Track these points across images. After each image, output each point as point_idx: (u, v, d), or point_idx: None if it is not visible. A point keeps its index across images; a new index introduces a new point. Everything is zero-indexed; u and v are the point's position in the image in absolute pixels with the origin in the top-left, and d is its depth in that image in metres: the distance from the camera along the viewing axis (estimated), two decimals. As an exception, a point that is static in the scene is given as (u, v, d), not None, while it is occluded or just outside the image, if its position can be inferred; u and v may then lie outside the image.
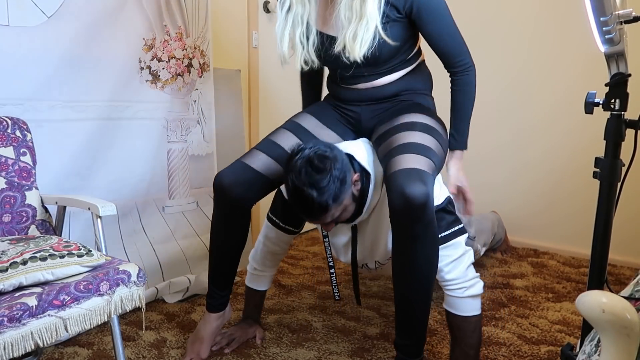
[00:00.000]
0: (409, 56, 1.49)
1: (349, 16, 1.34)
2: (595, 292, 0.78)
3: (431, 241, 1.31)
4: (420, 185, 1.24)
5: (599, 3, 0.97)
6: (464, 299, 1.44)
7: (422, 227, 1.27)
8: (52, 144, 1.72)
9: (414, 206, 1.24)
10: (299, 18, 1.42)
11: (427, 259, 1.33)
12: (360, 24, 1.33)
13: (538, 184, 2.75)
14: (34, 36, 1.64)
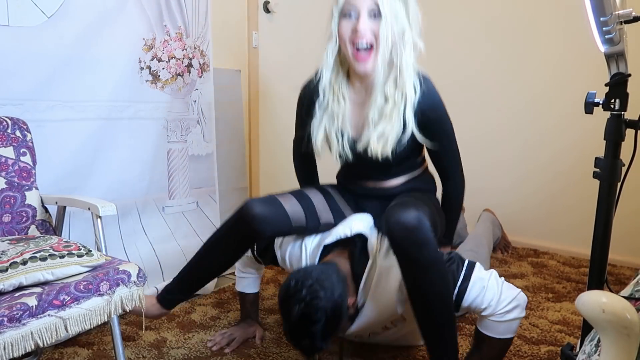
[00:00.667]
0: (416, 162, 1.57)
1: (376, 119, 1.42)
2: (595, 292, 0.78)
3: (434, 261, 1.29)
4: (414, 211, 1.26)
5: (599, 3, 0.97)
6: (499, 323, 1.35)
7: (422, 248, 1.26)
8: (52, 144, 1.72)
9: (409, 228, 1.24)
10: (335, 116, 1.48)
11: (437, 278, 1.30)
12: (387, 127, 1.40)
13: (538, 184, 2.75)
14: (34, 36, 1.64)
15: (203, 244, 1.61)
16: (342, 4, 1.38)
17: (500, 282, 1.37)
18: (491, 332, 1.36)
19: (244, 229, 1.49)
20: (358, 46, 1.37)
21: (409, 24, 1.38)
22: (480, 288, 1.34)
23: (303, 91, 1.59)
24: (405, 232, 1.25)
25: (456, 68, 2.85)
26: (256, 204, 1.47)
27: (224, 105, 2.36)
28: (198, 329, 1.86)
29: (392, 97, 1.39)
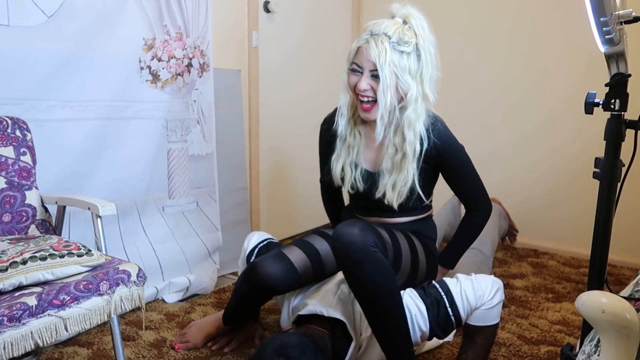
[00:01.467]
0: (422, 206, 1.60)
1: (390, 168, 1.50)
2: (595, 292, 0.78)
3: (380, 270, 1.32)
4: (355, 229, 1.31)
5: (599, 3, 0.97)
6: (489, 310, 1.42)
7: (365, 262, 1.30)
8: (52, 143, 1.72)
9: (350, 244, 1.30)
10: (350, 148, 1.57)
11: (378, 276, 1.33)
12: (400, 177, 1.48)
13: (538, 184, 2.75)
14: (34, 36, 1.64)
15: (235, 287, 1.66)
16: (351, 60, 1.47)
17: (472, 278, 1.44)
18: (484, 322, 1.42)
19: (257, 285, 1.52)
20: (361, 99, 1.46)
21: (419, 79, 1.44)
22: (461, 294, 1.41)
23: (323, 128, 1.67)
24: (345, 250, 1.31)
25: (459, 70, 2.85)
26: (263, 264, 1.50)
27: (224, 105, 2.36)
28: (198, 328, 1.85)
29: (400, 149, 1.47)
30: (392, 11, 1.45)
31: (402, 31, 1.40)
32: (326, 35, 2.99)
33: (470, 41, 2.84)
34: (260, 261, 1.52)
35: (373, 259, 1.31)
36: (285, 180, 2.84)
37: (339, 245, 1.33)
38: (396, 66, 1.39)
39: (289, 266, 1.50)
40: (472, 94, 2.88)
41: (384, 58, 1.38)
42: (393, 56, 1.39)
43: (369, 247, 1.30)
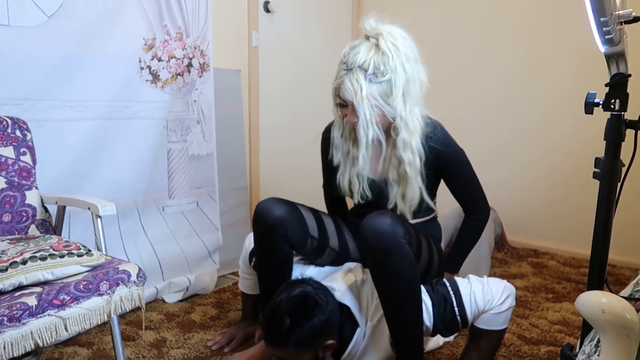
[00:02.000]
0: (427, 209, 1.60)
1: (397, 179, 1.51)
2: (595, 292, 0.78)
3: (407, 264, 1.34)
4: (386, 218, 1.34)
5: (599, 3, 0.97)
6: (497, 315, 1.42)
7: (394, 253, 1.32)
8: (52, 144, 1.72)
9: (381, 233, 1.32)
10: (354, 159, 1.55)
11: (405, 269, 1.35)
12: (408, 188, 1.49)
13: (538, 185, 2.75)
14: (34, 36, 1.64)
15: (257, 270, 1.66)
16: (335, 95, 1.46)
17: (484, 279, 1.45)
18: (491, 326, 1.42)
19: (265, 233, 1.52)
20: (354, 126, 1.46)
21: (405, 98, 1.41)
22: (470, 295, 1.41)
23: (324, 138, 1.67)
24: (376, 235, 1.32)
25: (458, 69, 2.85)
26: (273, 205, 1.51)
27: (224, 105, 2.36)
28: (198, 329, 1.86)
29: (403, 161, 1.47)
30: (366, 30, 1.41)
31: (377, 59, 1.36)
32: (326, 35, 2.99)
33: (470, 41, 2.84)
34: (263, 202, 1.54)
35: (402, 250, 1.32)
36: (286, 180, 2.83)
37: (369, 233, 1.33)
38: (376, 98, 1.38)
39: (293, 208, 1.54)
40: (472, 93, 2.88)
41: (360, 96, 1.37)
42: (371, 89, 1.37)
43: (400, 237, 1.32)
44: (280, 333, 1.33)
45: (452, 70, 2.85)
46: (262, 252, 1.57)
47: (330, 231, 1.62)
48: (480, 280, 1.44)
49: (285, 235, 1.50)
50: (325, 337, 1.39)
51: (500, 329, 1.44)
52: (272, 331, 1.36)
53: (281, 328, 1.33)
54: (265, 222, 1.49)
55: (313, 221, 1.58)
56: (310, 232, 1.56)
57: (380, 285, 1.39)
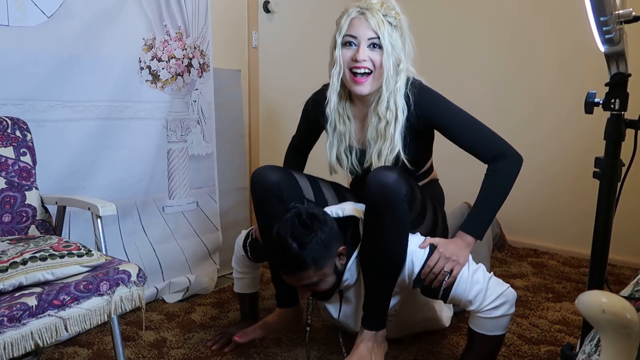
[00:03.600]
0: (422, 171, 1.61)
1: (375, 137, 1.50)
2: (595, 292, 0.78)
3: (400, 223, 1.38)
4: (393, 174, 1.35)
5: (599, 3, 0.97)
6: (487, 320, 1.37)
7: (393, 209, 1.36)
8: (52, 144, 1.72)
9: (386, 187, 1.34)
10: (342, 136, 1.58)
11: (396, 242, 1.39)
12: (385, 145, 1.48)
13: (538, 184, 2.75)
14: (34, 36, 1.64)
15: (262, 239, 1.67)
16: (344, 33, 1.47)
17: (487, 277, 1.39)
18: (481, 329, 1.39)
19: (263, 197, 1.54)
20: (356, 72, 1.47)
21: (404, 54, 1.47)
22: (466, 279, 1.38)
23: (309, 106, 1.70)
24: (379, 188, 1.34)
25: (456, 68, 2.85)
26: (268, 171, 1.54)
27: (224, 105, 2.36)
28: (198, 329, 1.86)
29: (384, 117, 1.47)
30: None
31: (387, 7, 1.45)
32: (326, 35, 2.99)
33: (469, 41, 2.84)
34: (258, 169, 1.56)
35: (401, 208, 1.36)
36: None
37: (374, 183, 1.36)
38: (390, 36, 1.44)
39: (287, 174, 1.57)
40: (471, 93, 2.87)
41: (383, 27, 1.43)
42: (387, 27, 1.44)
43: (402, 195, 1.35)
44: (292, 258, 1.34)
45: (450, 71, 2.85)
46: (261, 215, 1.59)
47: (329, 195, 1.65)
48: (485, 276, 1.38)
49: (280, 198, 1.53)
50: (335, 244, 1.40)
51: (492, 335, 1.37)
52: (285, 261, 1.37)
53: (292, 253, 1.34)
54: (262, 187, 1.53)
55: (308, 186, 1.62)
56: (306, 196, 1.60)
57: (370, 234, 1.42)
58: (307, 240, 1.34)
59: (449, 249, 1.40)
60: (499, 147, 1.45)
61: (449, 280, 1.38)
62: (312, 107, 1.67)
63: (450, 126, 1.48)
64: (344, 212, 1.50)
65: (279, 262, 1.39)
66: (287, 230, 1.35)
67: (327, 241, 1.37)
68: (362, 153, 1.57)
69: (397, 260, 1.41)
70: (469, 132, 1.47)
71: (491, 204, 1.44)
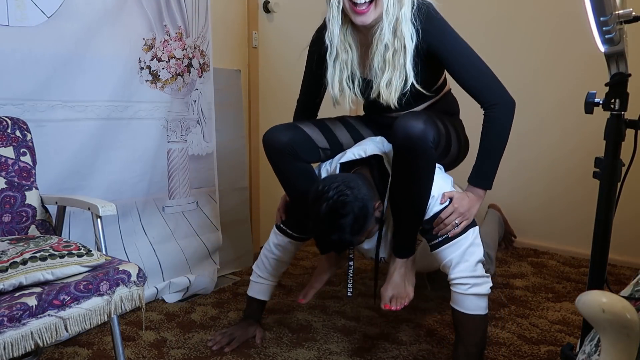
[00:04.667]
0: (436, 88, 1.59)
1: (382, 66, 1.45)
2: (595, 292, 0.78)
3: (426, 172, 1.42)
4: (419, 122, 1.35)
5: (599, 3, 0.97)
6: (468, 296, 1.43)
7: (418, 158, 1.38)
8: (52, 144, 1.72)
9: (412, 136, 1.34)
10: (344, 64, 1.53)
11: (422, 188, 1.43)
12: (395, 74, 1.44)
13: (538, 184, 2.75)
14: (34, 36, 1.64)
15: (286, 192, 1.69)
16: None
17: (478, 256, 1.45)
18: (459, 306, 1.45)
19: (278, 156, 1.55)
20: (356, 1, 1.40)
21: None
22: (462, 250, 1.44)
23: (314, 43, 1.65)
24: (407, 139, 1.35)
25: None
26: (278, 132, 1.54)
27: (224, 105, 2.36)
28: (198, 329, 1.86)
29: (391, 45, 1.43)
30: None
31: None
32: (326, 35, 2.99)
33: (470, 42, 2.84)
34: (267, 132, 1.56)
35: (430, 155, 1.39)
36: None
37: (401, 133, 1.36)
38: None
39: (296, 129, 1.57)
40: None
41: None
42: None
43: (429, 142, 1.36)
44: (340, 245, 1.41)
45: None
46: (282, 176, 1.61)
47: (342, 137, 1.66)
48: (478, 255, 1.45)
49: (296, 155, 1.55)
50: (371, 205, 1.40)
51: (472, 315, 1.43)
52: (334, 248, 1.45)
53: (338, 242, 1.38)
54: (275, 150, 1.54)
55: (320, 135, 1.62)
56: (320, 145, 1.61)
57: (400, 180, 1.44)
58: (352, 230, 1.36)
59: (464, 204, 1.46)
60: (496, 92, 1.48)
61: (456, 230, 1.45)
62: (316, 45, 1.60)
63: (453, 62, 1.46)
64: (366, 152, 1.53)
65: (328, 249, 1.45)
66: (330, 229, 1.36)
67: (363, 212, 1.37)
68: (365, 82, 1.55)
69: (424, 199, 1.45)
70: (471, 73, 1.47)
71: (493, 154, 1.50)
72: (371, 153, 1.53)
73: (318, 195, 1.37)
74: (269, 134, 1.56)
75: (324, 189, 1.37)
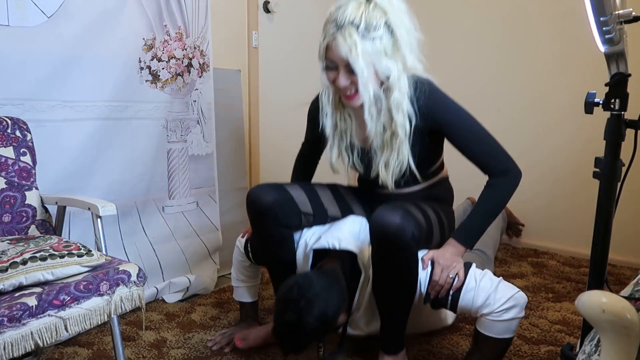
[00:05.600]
0: (433, 170, 1.56)
1: (381, 146, 1.44)
2: (595, 292, 0.78)
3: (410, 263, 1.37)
4: (396, 217, 1.31)
5: (599, 3, 0.97)
6: (496, 322, 1.36)
7: (399, 255, 1.34)
8: (52, 144, 1.72)
9: (389, 235, 1.30)
10: (343, 133, 1.52)
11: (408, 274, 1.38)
12: (392, 156, 1.42)
13: (538, 184, 2.75)
14: (34, 36, 1.64)
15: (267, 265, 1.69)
16: (322, 57, 1.40)
17: (495, 281, 1.39)
18: (490, 332, 1.37)
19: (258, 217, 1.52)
20: (342, 89, 1.39)
21: (398, 56, 1.35)
22: (473, 287, 1.37)
23: (312, 107, 1.63)
24: (383, 237, 1.32)
25: (455, 67, 2.85)
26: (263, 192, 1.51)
27: (224, 105, 2.36)
28: (198, 329, 1.86)
29: (389, 127, 1.41)
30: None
31: (368, 14, 1.30)
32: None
33: (470, 43, 2.84)
34: (253, 190, 1.53)
35: (409, 254, 1.35)
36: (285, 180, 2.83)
37: (378, 230, 1.33)
38: (370, 55, 1.31)
39: (281, 191, 1.52)
40: (471, 94, 2.87)
41: (355, 52, 1.29)
42: (365, 46, 1.30)
43: (410, 240, 1.31)
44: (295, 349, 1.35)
45: (451, 70, 2.85)
46: (259, 235, 1.59)
47: (328, 202, 1.61)
48: (493, 281, 1.38)
49: (277, 219, 1.51)
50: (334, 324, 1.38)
51: (500, 338, 1.37)
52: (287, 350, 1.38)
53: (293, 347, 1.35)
54: (257, 210, 1.51)
55: (304, 198, 1.57)
56: (303, 210, 1.56)
57: (379, 277, 1.40)
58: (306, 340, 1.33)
59: (447, 257, 1.40)
60: (503, 163, 1.43)
61: (457, 284, 1.38)
62: (315, 109, 1.60)
63: (458, 135, 1.43)
64: (340, 245, 1.46)
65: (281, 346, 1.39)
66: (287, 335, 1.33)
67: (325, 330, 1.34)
68: (364, 152, 1.53)
69: (410, 291, 1.40)
70: (477, 144, 1.43)
71: (487, 216, 1.45)
72: (345, 248, 1.46)
73: (288, 299, 1.31)
74: (254, 193, 1.52)
75: (297, 294, 1.30)
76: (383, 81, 1.38)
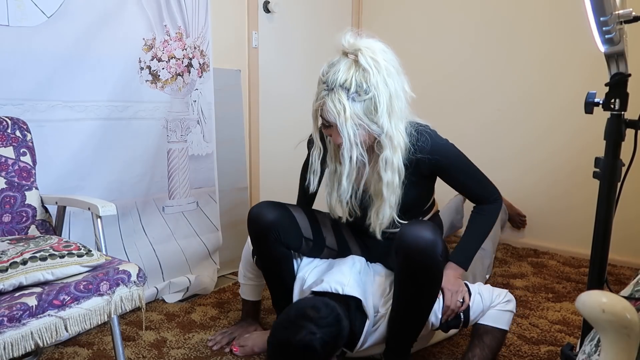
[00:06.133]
0: (425, 210, 1.62)
1: (375, 194, 1.48)
2: (595, 292, 0.78)
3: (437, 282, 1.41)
4: (428, 232, 1.34)
5: (599, 3, 0.97)
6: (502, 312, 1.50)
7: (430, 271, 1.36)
8: (52, 144, 1.72)
9: (424, 249, 1.32)
10: (339, 179, 1.51)
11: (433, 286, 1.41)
12: (382, 206, 1.46)
13: (538, 184, 2.75)
14: (34, 36, 1.64)
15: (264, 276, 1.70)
16: (317, 117, 1.42)
17: (488, 286, 1.54)
18: (496, 323, 1.48)
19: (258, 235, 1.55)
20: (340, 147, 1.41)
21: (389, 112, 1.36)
22: (478, 299, 1.48)
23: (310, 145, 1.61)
24: (416, 252, 1.33)
25: (456, 67, 2.85)
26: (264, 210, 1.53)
27: (224, 105, 2.36)
28: (198, 329, 1.86)
29: (384, 176, 1.43)
30: (343, 47, 1.36)
31: (359, 76, 1.32)
32: (326, 35, 2.99)
33: (470, 43, 2.84)
34: (255, 207, 1.56)
35: (438, 269, 1.38)
36: (286, 180, 2.83)
37: (411, 244, 1.33)
38: (360, 117, 1.34)
39: (284, 211, 1.55)
40: (472, 95, 2.87)
41: (343, 116, 1.32)
42: (355, 109, 1.33)
43: (439, 256, 1.34)
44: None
45: (453, 73, 2.85)
46: (259, 254, 1.62)
47: (327, 231, 1.64)
48: (487, 286, 1.54)
49: (278, 238, 1.53)
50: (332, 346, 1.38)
51: (502, 329, 1.50)
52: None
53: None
54: (258, 227, 1.53)
55: (306, 222, 1.61)
56: (304, 234, 1.59)
57: (404, 289, 1.41)
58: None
59: (452, 282, 1.48)
60: (493, 194, 1.56)
61: (463, 306, 1.48)
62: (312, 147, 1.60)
63: (456, 178, 1.52)
64: (343, 290, 1.45)
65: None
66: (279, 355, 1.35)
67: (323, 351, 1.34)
68: (357, 195, 1.53)
69: (427, 312, 1.45)
70: (472, 184, 1.54)
71: (478, 239, 1.56)
72: (349, 294, 1.44)
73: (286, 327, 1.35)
74: (256, 210, 1.54)
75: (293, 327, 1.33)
76: (376, 137, 1.40)
